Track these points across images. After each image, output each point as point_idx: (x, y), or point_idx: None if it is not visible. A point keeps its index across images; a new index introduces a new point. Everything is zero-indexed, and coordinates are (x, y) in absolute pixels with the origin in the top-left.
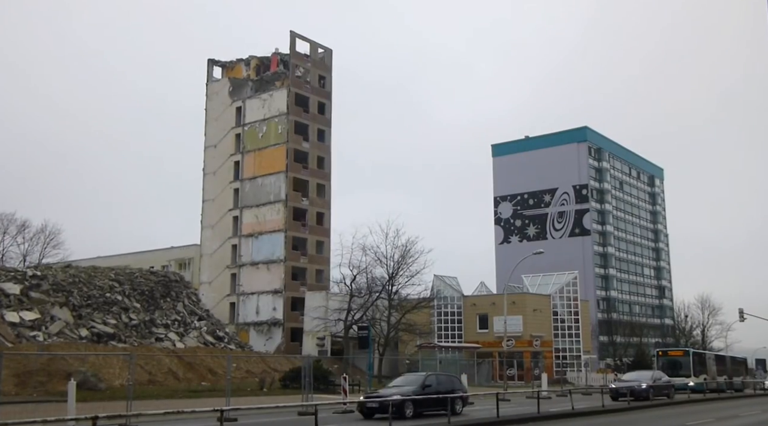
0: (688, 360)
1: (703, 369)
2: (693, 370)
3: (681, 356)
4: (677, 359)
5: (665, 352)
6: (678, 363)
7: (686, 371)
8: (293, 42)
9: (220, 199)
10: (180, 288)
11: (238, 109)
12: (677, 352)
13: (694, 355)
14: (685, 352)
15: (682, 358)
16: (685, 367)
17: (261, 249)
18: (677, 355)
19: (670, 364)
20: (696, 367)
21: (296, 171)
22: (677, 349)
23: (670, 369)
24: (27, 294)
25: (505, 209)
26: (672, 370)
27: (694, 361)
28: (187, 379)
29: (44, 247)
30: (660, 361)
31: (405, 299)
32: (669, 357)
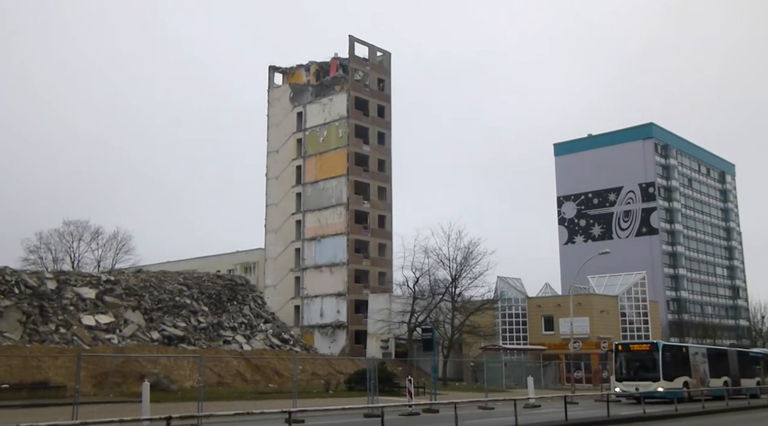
0: (656, 356)
1: (683, 369)
2: (664, 370)
3: (647, 351)
4: (642, 356)
5: (626, 347)
6: (644, 361)
7: (654, 373)
8: (352, 46)
9: (282, 204)
10: (246, 291)
11: (299, 115)
12: (641, 346)
13: (666, 349)
14: (652, 346)
15: (647, 355)
16: (653, 367)
17: (324, 252)
18: (641, 349)
19: (633, 364)
20: (670, 367)
21: (357, 174)
22: (641, 342)
23: (633, 370)
24: (102, 298)
25: (569, 209)
26: (636, 371)
27: (665, 359)
28: (254, 381)
29: (116, 253)
30: (619, 360)
31: (468, 301)
32: (631, 353)
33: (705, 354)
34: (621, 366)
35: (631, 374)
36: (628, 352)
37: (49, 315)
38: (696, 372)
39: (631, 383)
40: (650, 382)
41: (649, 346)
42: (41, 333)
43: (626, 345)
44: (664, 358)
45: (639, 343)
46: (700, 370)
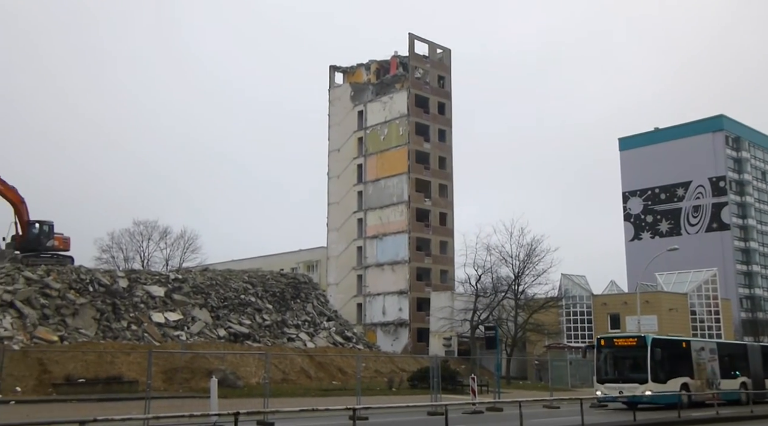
0: (643, 353)
1: (682, 369)
2: (653, 370)
3: (633, 347)
4: (628, 352)
5: (609, 341)
6: (630, 359)
7: (641, 373)
8: (412, 44)
9: (344, 202)
10: (309, 289)
11: (360, 113)
12: (627, 341)
13: (656, 344)
14: (639, 340)
15: (634, 351)
16: (640, 366)
17: (385, 250)
18: (627, 344)
19: (618, 362)
20: (662, 366)
21: (418, 172)
22: (627, 336)
23: (618, 369)
24: (170, 296)
25: (635, 205)
26: (622, 370)
27: (655, 356)
28: (318, 378)
29: (184, 252)
30: (601, 356)
31: (532, 299)
32: (616, 348)
33: (714, 350)
34: (604, 364)
35: (615, 374)
36: (612, 348)
37: (121, 312)
38: (701, 372)
39: (614, 385)
40: (636, 385)
41: (636, 339)
42: (114, 330)
43: (609, 339)
44: (653, 354)
45: (624, 337)
46: (707, 370)
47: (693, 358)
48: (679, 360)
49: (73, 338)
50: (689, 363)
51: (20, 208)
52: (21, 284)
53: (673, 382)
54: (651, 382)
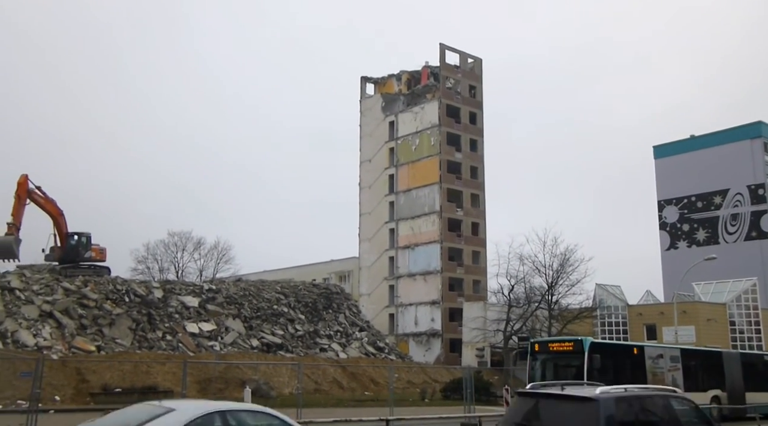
0: (580, 361)
1: (631, 380)
2: (589, 380)
3: (569, 353)
4: (564, 359)
5: (544, 346)
6: (565, 368)
7: None
8: (443, 54)
9: (376, 212)
10: (341, 300)
11: (391, 124)
12: (562, 346)
13: (596, 350)
14: (575, 345)
15: (570, 358)
16: (576, 376)
17: (417, 260)
18: (563, 349)
19: (552, 371)
20: (603, 377)
21: (450, 182)
22: (562, 339)
23: (552, 379)
24: (204, 306)
25: (671, 213)
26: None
27: (594, 364)
28: (350, 388)
29: (217, 263)
30: (536, 363)
31: (566, 309)
32: (551, 355)
33: (677, 358)
34: (537, 373)
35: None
36: (547, 354)
37: (156, 322)
38: (657, 383)
39: None
40: None
41: (572, 344)
42: (149, 340)
43: (544, 343)
44: (591, 362)
45: (560, 341)
46: (666, 381)
47: (647, 367)
48: (628, 369)
49: (109, 348)
50: (641, 373)
51: (59, 220)
52: (60, 295)
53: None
54: None
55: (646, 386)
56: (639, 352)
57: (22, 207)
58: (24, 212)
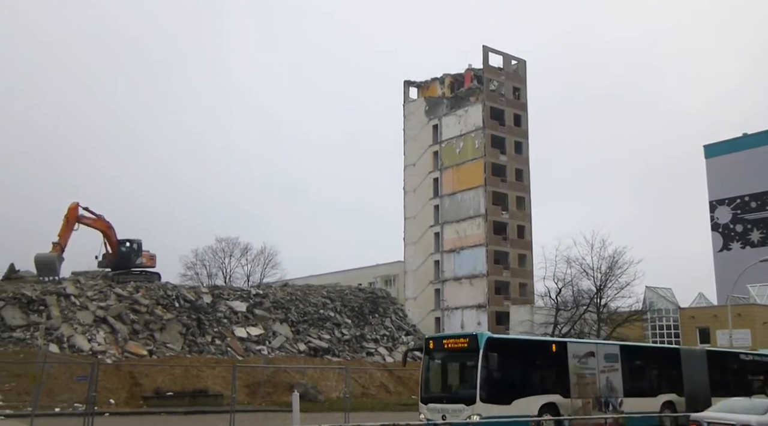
0: (474, 361)
1: (545, 382)
2: (484, 385)
3: (464, 351)
4: (459, 358)
5: (439, 343)
6: (460, 368)
7: (468, 389)
8: (486, 56)
9: (421, 216)
10: (387, 304)
11: (435, 127)
12: (457, 342)
13: (493, 347)
14: (471, 341)
15: (465, 357)
16: (469, 379)
17: (463, 264)
18: (458, 347)
19: (447, 372)
20: (503, 379)
21: (495, 185)
22: (458, 335)
23: (446, 382)
24: (252, 311)
25: (723, 214)
26: (450, 384)
27: (491, 364)
28: (397, 392)
29: (264, 268)
30: (430, 364)
31: (615, 312)
32: (446, 353)
33: (615, 356)
34: (431, 375)
35: (440, 390)
36: (442, 352)
37: (205, 327)
38: (584, 387)
39: (438, 406)
40: (462, 406)
41: (467, 340)
42: (199, 344)
43: (439, 339)
44: (487, 361)
45: (455, 337)
46: (598, 384)
47: (570, 367)
48: (542, 370)
49: (161, 352)
50: (562, 374)
51: (108, 233)
52: (113, 300)
53: (525, 402)
54: (480, 403)
55: None
56: (559, 348)
57: (70, 231)
58: (71, 235)
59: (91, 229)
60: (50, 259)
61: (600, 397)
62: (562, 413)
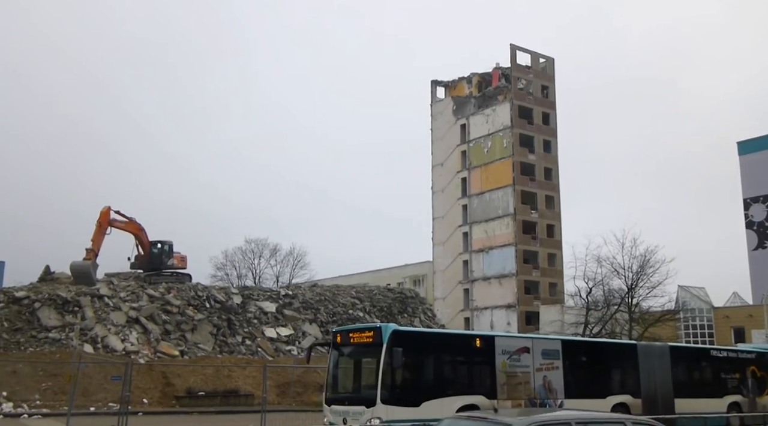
0: (377, 357)
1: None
2: (389, 384)
3: (368, 345)
4: (363, 353)
5: (345, 337)
6: (364, 366)
7: (369, 389)
8: (514, 55)
9: (449, 216)
10: (416, 304)
11: (463, 127)
12: (362, 335)
13: (398, 341)
14: (375, 335)
15: (369, 353)
16: (371, 377)
17: (492, 264)
18: (363, 341)
19: (351, 369)
20: (409, 378)
21: (523, 184)
22: (362, 327)
23: (349, 381)
24: (281, 312)
25: (758, 211)
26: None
27: (395, 360)
28: None
29: (293, 269)
30: (337, 360)
31: (647, 312)
32: (351, 348)
33: (555, 353)
34: (334, 374)
35: (344, 390)
36: (348, 347)
37: (236, 327)
38: (513, 388)
39: (340, 408)
40: (363, 408)
41: (372, 334)
42: (230, 344)
43: (346, 332)
44: (392, 358)
45: (360, 330)
46: (533, 385)
47: (497, 364)
48: (462, 368)
49: (192, 353)
50: (487, 373)
51: (140, 235)
52: (145, 301)
53: (438, 404)
54: (381, 405)
55: None
56: (485, 344)
57: (103, 235)
58: (104, 240)
59: (123, 232)
60: (85, 267)
61: (535, 399)
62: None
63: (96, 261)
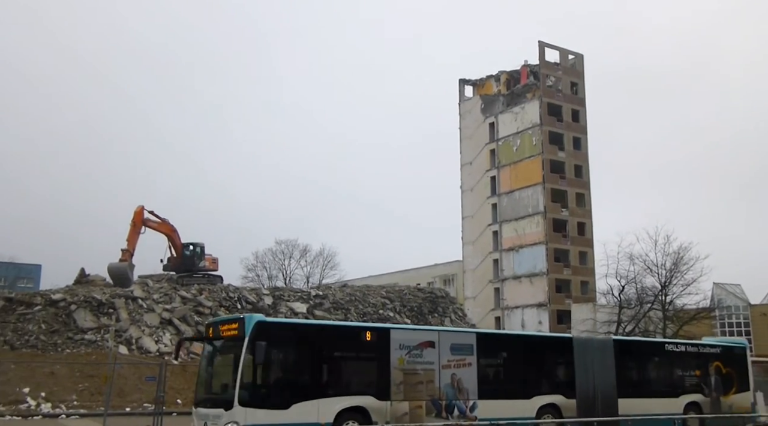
0: (237, 352)
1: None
2: (249, 384)
3: (233, 340)
4: (230, 348)
5: (216, 329)
6: (228, 363)
7: (230, 388)
8: (542, 52)
9: (478, 215)
10: (446, 304)
11: (491, 125)
12: (229, 328)
13: (264, 333)
14: (240, 326)
15: (233, 347)
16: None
17: (522, 262)
18: (231, 334)
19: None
20: (273, 377)
21: (553, 182)
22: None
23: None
24: (312, 312)
25: None
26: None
27: (256, 355)
28: None
29: (323, 269)
30: (206, 354)
31: (681, 310)
32: (222, 341)
33: (468, 347)
34: (202, 372)
35: (209, 390)
36: (219, 341)
37: None
38: (412, 387)
39: (203, 411)
40: (221, 411)
41: (236, 325)
42: None
43: (216, 325)
44: (254, 353)
45: (228, 321)
46: (438, 384)
47: (392, 361)
48: (345, 365)
49: None
50: (379, 370)
51: (173, 236)
52: (177, 303)
53: (313, 405)
54: (239, 407)
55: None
56: (377, 337)
57: (137, 235)
58: (138, 239)
59: (156, 232)
60: (122, 269)
61: (440, 400)
62: (375, 419)
63: (132, 262)
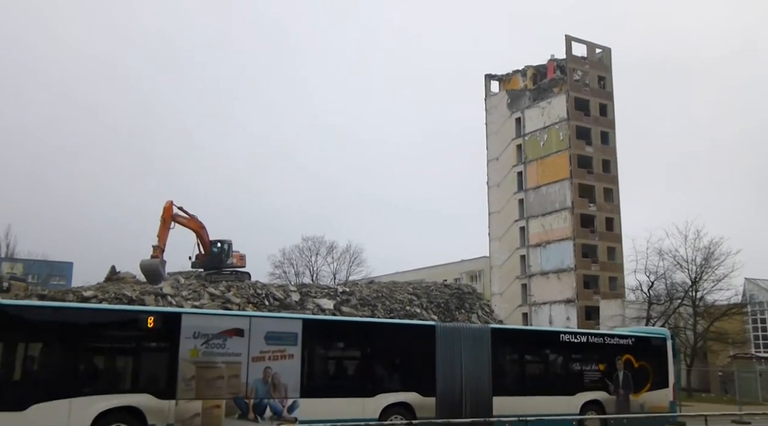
0: None
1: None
2: None
3: None
4: None
5: None
6: None
7: None
8: (569, 46)
9: (505, 211)
10: (473, 300)
11: (518, 120)
12: None
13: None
14: None
15: None
16: None
17: (550, 258)
18: None
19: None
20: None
21: (581, 177)
22: None
23: None
24: (339, 308)
25: None
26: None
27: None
28: None
29: (350, 266)
30: None
31: (712, 306)
32: None
33: (290, 336)
34: None
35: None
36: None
37: None
38: (209, 383)
39: None
40: None
41: None
42: None
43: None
44: None
45: None
46: (245, 379)
47: (181, 352)
48: (112, 357)
49: None
50: (162, 363)
51: (201, 233)
52: (206, 299)
53: (60, 406)
54: None
55: None
56: (161, 323)
57: (167, 230)
58: (168, 235)
59: (185, 229)
60: (153, 266)
61: (246, 399)
62: (153, 422)
63: (164, 258)
